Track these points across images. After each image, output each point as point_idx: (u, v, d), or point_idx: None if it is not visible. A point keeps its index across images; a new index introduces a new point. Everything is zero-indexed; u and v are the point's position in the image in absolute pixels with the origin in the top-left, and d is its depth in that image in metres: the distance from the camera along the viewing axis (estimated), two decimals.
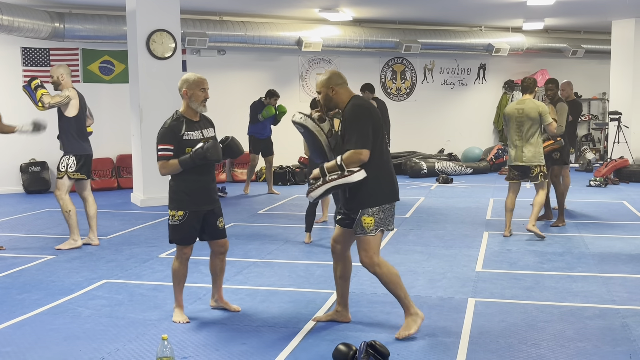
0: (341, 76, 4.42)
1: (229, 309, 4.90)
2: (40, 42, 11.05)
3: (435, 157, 13.86)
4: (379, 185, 4.26)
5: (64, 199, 6.98)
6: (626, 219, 8.56)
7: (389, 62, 14.43)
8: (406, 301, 4.37)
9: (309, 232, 7.22)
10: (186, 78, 4.66)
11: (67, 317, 4.82)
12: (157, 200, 9.83)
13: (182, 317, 4.70)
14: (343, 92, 4.38)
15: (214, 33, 11.77)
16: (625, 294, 5.29)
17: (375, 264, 4.32)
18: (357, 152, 4.17)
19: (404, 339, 4.27)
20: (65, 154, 6.94)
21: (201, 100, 4.65)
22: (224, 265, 4.94)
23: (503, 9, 12.04)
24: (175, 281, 4.76)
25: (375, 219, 4.26)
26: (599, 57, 15.41)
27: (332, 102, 4.39)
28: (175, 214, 4.68)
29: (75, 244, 7.07)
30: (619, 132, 13.05)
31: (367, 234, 4.27)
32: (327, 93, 4.37)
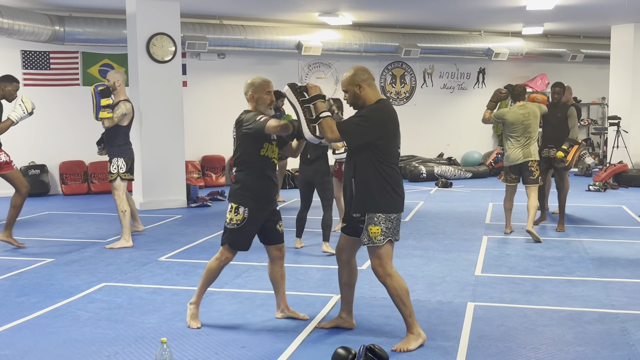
0: (367, 71, 4.25)
1: (297, 317, 4.73)
2: (41, 45, 11.06)
3: (435, 161, 13.88)
4: (388, 193, 4.17)
5: (122, 198, 7.26)
6: (625, 223, 8.57)
7: (389, 66, 14.44)
8: (410, 320, 4.25)
9: (299, 237, 7.17)
10: (252, 82, 4.58)
11: (66, 320, 4.82)
12: (156, 204, 9.84)
13: (196, 321, 4.63)
14: (370, 90, 4.20)
15: (214, 37, 11.79)
16: (624, 298, 5.29)
17: (387, 274, 4.23)
18: (333, 130, 4.09)
19: (400, 352, 4.18)
20: (114, 157, 7.24)
21: (267, 103, 4.55)
22: (284, 271, 4.77)
23: (502, 14, 12.06)
24: (205, 280, 4.65)
25: (382, 229, 4.17)
26: (598, 61, 15.43)
27: (359, 100, 4.21)
28: (234, 218, 4.49)
29: (126, 244, 7.26)
30: (618, 137, 13.06)
31: (375, 244, 4.19)
32: (355, 91, 4.19)
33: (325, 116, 4.15)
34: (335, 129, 4.12)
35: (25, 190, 7.11)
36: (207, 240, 7.59)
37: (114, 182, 7.27)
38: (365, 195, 4.18)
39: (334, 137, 4.13)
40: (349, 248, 4.45)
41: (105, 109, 7.05)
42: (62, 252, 7.06)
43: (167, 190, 10.00)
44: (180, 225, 8.64)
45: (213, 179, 12.55)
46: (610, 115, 13.45)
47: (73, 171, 11.53)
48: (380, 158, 4.16)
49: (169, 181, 10.01)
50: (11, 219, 7.13)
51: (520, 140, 7.51)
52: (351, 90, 4.22)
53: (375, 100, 4.22)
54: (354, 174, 4.21)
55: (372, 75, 4.29)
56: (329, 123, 4.13)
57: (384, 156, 4.17)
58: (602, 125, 15.91)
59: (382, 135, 4.15)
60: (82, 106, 11.23)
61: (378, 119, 4.15)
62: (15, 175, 7.07)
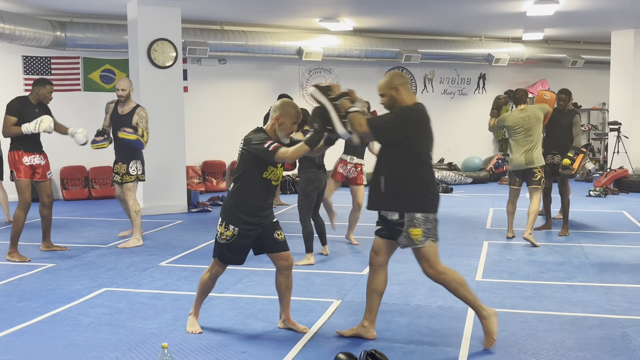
0: (403, 75, 4.33)
1: (296, 329, 4.65)
2: (42, 50, 11.09)
3: (435, 166, 13.88)
4: (423, 192, 4.18)
5: (135, 199, 7.58)
6: (626, 229, 8.57)
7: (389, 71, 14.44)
8: (476, 303, 4.28)
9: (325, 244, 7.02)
10: (282, 104, 4.45)
11: (67, 325, 4.82)
12: (157, 209, 9.85)
13: (196, 327, 4.63)
14: (407, 94, 4.27)
15: (215, 42, 11.81)
16: (625, 303, 5.29)
17: (439, 272, 4.24)
18: (362, 124, 4.12)
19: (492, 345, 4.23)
20: (132, 160, 7.51)
21: (288, 132, 4.46)
22: (290, 282, 4.64)
23: (503, 20, 12.08)
24: (199, 292, 4.65)
25: (423, 230, 4.16)
26: (599, 67, 15.45)
27: (396, 104, 4.26)
28: (224, 233, 4.43)
29: (138, 243, 7.52)
30: (619, 142, 13.07)
31: (418, 246, 4.19)
32: (392, 94, 4.25)
33: (353, 111, 4.18)
34: (364, 124, 4.14)
35: (48, 200, 7.12)
36: (208, 246, 7.58)
37: (128, 184, 7.50)
38: (401, 193, 4.16)
39: (362, 131, 4.15)
40: (385, 251, 4.40)
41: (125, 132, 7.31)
42: (63, 257, 7.07)
43: (168, 196, 10.01)
44: (181, 230, 8.64)
45: (214, 184, 12.56)
46: (611, 120, 13.46)
47: (74, 176, 11.54)
48: (413, 157, 4.17)
49: (170, 186, 10.02)
50: (45, 229, 7.24)
51: (522, 144, 7.49)
52: (388, 93, 4.26)
53: (412, 103, 4.27)
54: (386, 172, 4.20)
55: (408, 79, 4.35)
56: (357, 118, 4.16)
57: (416, 156, 4.18)
58: (602, 130, 15.92)
59: (410, 135, 4.18)
60: (83, 111, 11.25)
61: (407, 118, 4.20)
62: (43, 186, 7.08)
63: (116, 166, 7.62)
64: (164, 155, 9.89)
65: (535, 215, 7.54)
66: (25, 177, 6.89)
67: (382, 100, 4.32)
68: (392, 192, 4.20)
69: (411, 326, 4.76)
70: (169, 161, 9.98)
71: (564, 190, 8.18)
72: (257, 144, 4.34)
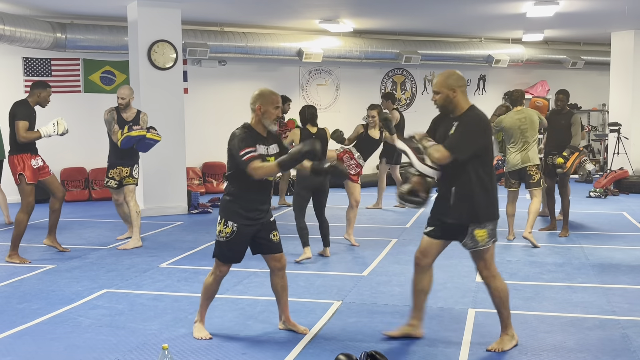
0: (462, 77, 4.25)
1: (297, 330, 4.65)
2: (42, 52, 11.09)
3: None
4: (491, 200, 4.19)
5: (135, 200, 7.63)
6: (626, 229, 8.57)
7: (389, 73, 14.47)
8: (508, 321, 4.31)
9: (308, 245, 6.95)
10: (260, 93, 4.41)
11: (68, 327, 4.82)
12: (157, 211, 9.85)
13: (204, 333, 4.57)
14: (463, 97, 4.22)
15: (215, 44, 11.81)
16: (626, 304, 5.29)
17: (492, 275, 4.27)
18: (442, 151, 4.08)
19: (494, 352, 4.24)
20: (135, 164, 7.64)
21: (273, 118, 4.41)
22: (285, 282, 4.65)
23: (503, 21, 12.09)
24: (204, 296, 4.60)
25: (488, 231, 4.18)
26: (599, 68, 15.45)
27: (450, 105, 4.22)
28: (224, 230, 4.41)
29: (138, 243, 7.59)
30: (619, 144, 13.07)
31: (483, 247, 4.20)
32: (449, 94, 4.19)
33: (430, 144, 4.16)
34: (441, 149, 4.10)
35: (61, 194, 7.22)
36: (209, 247, 7.59)
37: (130, 186, 7.60)
38: (471, 204, 4.14)
39: (442, 156, 4.09)
40: (434, 252, 4.40)
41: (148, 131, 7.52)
42: (63, 258, 7.07)
43: (168, 197, 10.01)
44: (181, 231, 8.65)
45: (214, 185, 12.56)
46: (611, 121, 13.46)
47: (74, 178, 11.54)
48: (482, 166, 4.16)
49: (170, 188, 10.02)
50: (53, 224, 7.28)
51: (517, 145, 7.56)
52: (444, 92, 4.20)
53: (467, 106, 4.22)
54: (455, 182, 4.17)
55: (466, 82, 4.30)
56: (435, 148, 4.13)
57: (485, 164, 4.18)
58: (602, 131, 15.92)
59: (485, 144, 4.17)
60: (84, 113, 11.27)
61: (481, 129, 4.18)
62: (51, 180, 7.14)
63: (113, 171, 7.61)
64: (164, 157, 9.89)
65: (535, 215, 7.55)
66: (33, 180, 6.93)
67: (435, 97, 4.26)
68: (462, 203, 4.16)
69: None
70: (169, 162, 9.98)
71: (564, 191, 8.18)
72: (235, 148, 4.31)
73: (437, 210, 4.34)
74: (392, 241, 7.79)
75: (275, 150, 4.50)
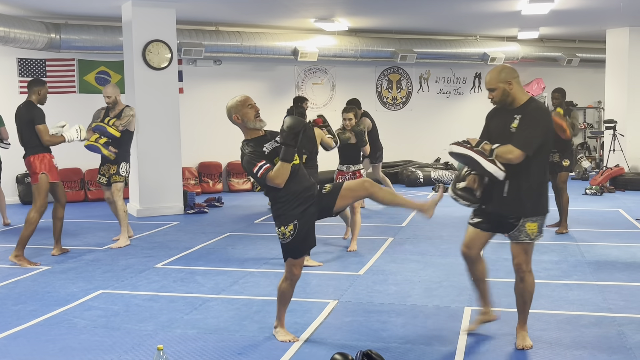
0: (514, 70, 4.20)
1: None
2: (37, 52, 11.06)
3: (432, 166, 13.88)
4: (544, 193, 4.18)
5: (122, 199, 7.68)
6: (622, 227, 8.57)
7: (385, 71, 14.47)
8: (526, 317, 4.36)
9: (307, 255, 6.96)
10: (229, 105, 4.41)
11: (63, 328, 4.81)
12: (153, 211, 9.83)
13: (289, 336, 4.49)
14: (519, 88, 4.17)
15: (210, 43, 11.79)
16: (622, 302, 5.29)
17: (529, 269, 4.25)
18: (512, 151, 4.03)
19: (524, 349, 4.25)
20: (122, 161, 7.63)
21: (254, 115, 4.37)
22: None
23: (498, 19, 12.09)
24: (280, 303, 4.51)
25: (539, 225, 4.17)
26: (594, 65, 15.47)
27: (509, 98, 4.16)
28: (285, 231, 4.30)
29: (128, 242, 7.70)
30: (615, 141, 13.08)
31: (531, 241, 4.18)
32: (505, 88, 4.13)
33: (496, 147, 4.11)
34: (513, 149, 4.03)
35: (65, 200, 7.20)
36: (204, 247, 7.58)
37: (118, 184, 7.63)
38: (526, 198, 4.10)
39: (515, 156, 4.03)
40: (480, 244, 4.39)
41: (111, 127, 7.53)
42: (58, 259, 7.05)
43: (164, 197, 10.00)
44: (177, 232, 8.63)
45: (210, 185, 12.55)
46: (606, 118, 13.47)
47: (70, 178, 11.51)
48: (538, 159, 4.11)
49: (166, 188, 10.01)
50: (60, 233, 7.25)
51: None
52: (501, 87, 4.14)
53: (526, 98, 4.18)
54: (509, 175, 4.10)
55: (518, 73, 4.25)
56: (503, 149, 4.07)
57: (542, 156, 4.14)
58: (598, 129, 15.94)
59: (548, 138, 4.14)
60: (79, 113, 11.21)
61: (547, 122, 4.15)
62: (60, 185, 7.15)
63: (103, 168, 7.72)
64: (159, 157, 9.88)
65: None
66: (56, 179, 7.02)
67: (491, 94, 4.21)
68: (516, 196, 4.12)
69: (407, 326, 4.76)
70: (165, 163, 9.97)
71: (561, 187, 8.18)
72: (248, 170, 4.30)
73: (488, 202, 4.29)
74: (388, 240, 7.78)
75: (273, 145, 4.45)
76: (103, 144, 7.52)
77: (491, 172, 4.11)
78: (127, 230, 7.74)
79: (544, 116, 4.16)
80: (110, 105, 7.68)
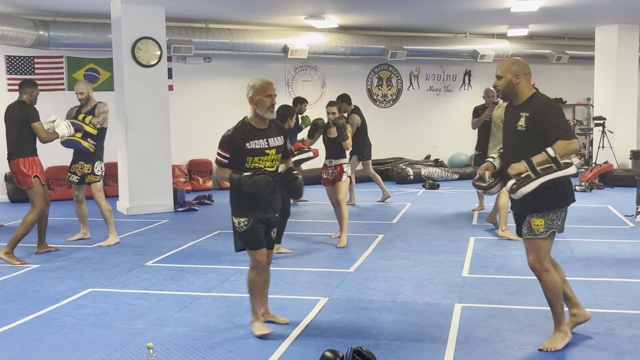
0: (527, 66, 4.18)
1: (277, 321, 4.71)
2: (25, 50, 10.99)
3: (422, 163, 13.90)
4: (553, 189, 4.10)
5: (105, 199, 7.63)
6: (611, 223, 8.62)
7: (375, 68, 14.47)
8: (561, 317, 4.22)
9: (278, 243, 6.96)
10: (252, 84, 4.48)
11: (52, 327, 4.79)
12: (143, 209, 9.80)
13: (265, 330, 4.50)
14: (527, 84, 4.14)
15: (200, 40, 11.76)
16: (610, 297, 5.32)
17: (544, 269, 4.16)
18: (571, 142, 3.98)
19: (547, 351, 4.17)
20: (96, 160, 7.54)
21: (268, 106, 4.44)
22: (268, 276, 4.71)
23: (488, 16, 12.11)
24: (252, 293, 4.56)
25: (546, 221, 4.09)
26: (583, 62, 15.53)
27: (513, 91, 4.14)
28: (240, 221, 4.45)
29: (116, 239, 7.66)
30: (604, 137, 13.14)
31: (537, 237, 4.12)
32: (512, 80, 4.11)
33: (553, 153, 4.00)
34: (565, 142, 4.00)
35: (49, 199, 7.29)
36: (195, 245, 7.56)
37: (97, 184, 7.56)
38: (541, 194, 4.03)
39: (574, 145, 4.04)
40: None
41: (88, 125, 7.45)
42: (47, 258, 7.02)
43: (154, 195, 9.96)
44: (167, 229, 8.60)
45: (200, 183, 12.51)
46: (596, 115, 13.54)
47: (59, 176, 11.44)
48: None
49: (156, 186, 9.97)
50: (44, 231, 7.29)
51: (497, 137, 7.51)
52: (508, 78, 4.13)
53: (530, 93, 4.16)
54: None
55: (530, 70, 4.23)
56: (561, 148, 4.00)
57: None
58: (587, 125, 16.00)
59: None
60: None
61: (558, 106, 4.17)
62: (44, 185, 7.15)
63: (75, 166, 7.62)
64: (149, 155, 9.84)
65: (506, 211, 7.50)
66: (45, 182, 7.10)
67: (497, 82, 4.19)
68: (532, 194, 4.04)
69: (398, 323, 4.76)
70: (155, 160, 9.93)
71: None
72: (219, 142, 4.49)
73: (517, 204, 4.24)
74: (378, 237, 7.79)
75: (278, 142, 4.52)
76: (81, 138, 7.41)
77: (568, 174, 4.08)
78: (114, 228, 7.69)
79: (554, 104, 4.17)
80: (82, 101, 7.61)
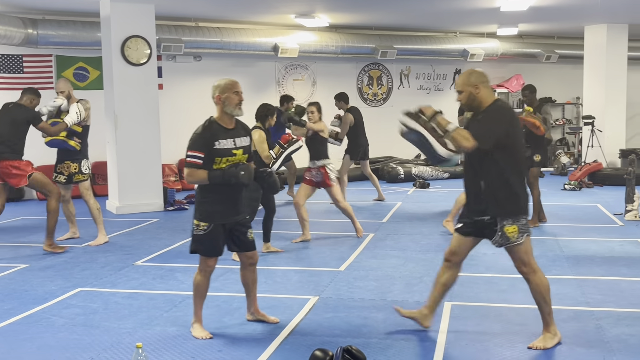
0: (484, 74, 4.23)
1: (267, 320, 4.72)
2: (13, 48, 10.91)
3: (412, 162, 13.91)
4: (521, 194, 4.14)
5: (93, 197, 7.58)
6: (600, 221, 8.65)
7: (365, 67, 14.47)
8: (549, 318, 4.24)
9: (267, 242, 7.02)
10: (217, 84, 4.53)
11: (41, 327, 4.76)
12: (133, 208, 9.76)
13: (203, 333, 4.50)
14: (487, 91, 4.19)
15: (190, 39, 11.72)
16: (599, 296, 5.35)
17: (532, 270, 4.21)
18: (468, 138, 4.01)
19: (536, 349, 4.20)
20: (83, 158, 7.49)
21: (236, 103, 4.47)
22: (255, 276, 4.71)
23: (478, 15, 12.14)
24: (196, 295, 4.55)
25: (519, 227, 4.12)
26: (573, 62, 15.58)
27: (475, 102, 4.18)
28: (200, 224, 4.42)
29: (105, 239, 7.64)
30: (593, 136, 13.20)
31: (515, 244, 4.15)
32: (471, 92, 4.16)
33: (453, 128, 4.10)
34: (470, 137, 4.02)
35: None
36: (184, 244, 7.53)
37: (85, 183, 7.51)
38: (501, 199, 4.09)
39: (470, 145, 4.02)
40: (464, 250, 4.39)
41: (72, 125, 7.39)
42: (36, 257, 6.98)
43: (143, 194, 9.92)
44: (157, 229, 8.58)
45: None
46: (585, 114, 13.60)
47: (48, 176, 11.36)
48: (510, 159, 4.11)
49: (146, 184, 9.93)
50: None
51: None
52: (467, 90, 4.18)
53: (492, 100, 4.20)
54: (483, 177, 4.12)
55: (488, 78, 4.26)
56: (461, 133, 4.06)
57: (514, 156, 4.13)
58: (576, 124, 16.07)
59: (509, 133, 4.11)
60: None
61: (503, 116, 4.14)
62: None
63: (61, 166, 7.53)
64: (139, 153, 9.80)
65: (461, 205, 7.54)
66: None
67: (459, 97, 4.24)
68: (490, 198, 4.11)
69: (388, 321, 4.77)
70: (145, 159, 9.89)
71: (533, 182, 8.24)
72: (189, 144, 4.49)
73: (467, 206, 4.30)
74: (369, 236, 7.79)
75: (245, 142, 4.54)
76: (66, 137, 7.37)
77: (440, 153, 4.15)
78: (103, 227, 7.65)
79: (505, 113, 4.18)
80: None
